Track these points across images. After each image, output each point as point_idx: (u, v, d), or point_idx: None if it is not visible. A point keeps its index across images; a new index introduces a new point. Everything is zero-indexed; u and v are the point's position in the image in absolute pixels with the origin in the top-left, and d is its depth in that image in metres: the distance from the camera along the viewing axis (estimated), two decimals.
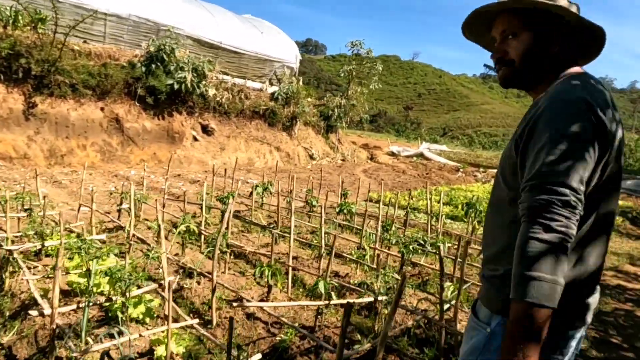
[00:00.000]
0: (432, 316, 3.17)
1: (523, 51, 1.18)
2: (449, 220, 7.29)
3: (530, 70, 1.20)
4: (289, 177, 11.86)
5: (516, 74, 1.22)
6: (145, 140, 11.81)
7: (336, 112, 17.49)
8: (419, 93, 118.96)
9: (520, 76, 1.22)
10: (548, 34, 1.18)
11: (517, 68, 1.21)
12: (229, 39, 16.64)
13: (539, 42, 1.18)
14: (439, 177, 13.58)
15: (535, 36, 1.18)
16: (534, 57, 1.18)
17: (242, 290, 3.51)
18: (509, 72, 1.23)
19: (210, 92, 13.09)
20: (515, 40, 1.19)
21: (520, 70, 1.21)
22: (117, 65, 11.45)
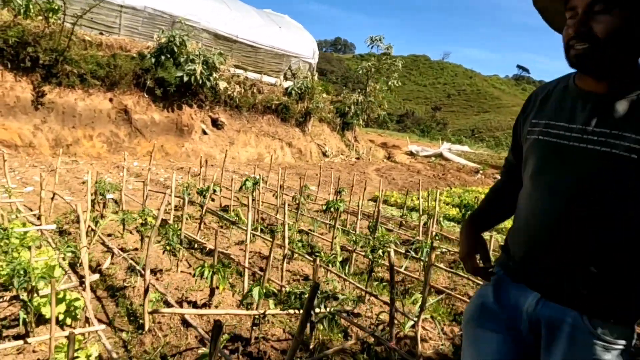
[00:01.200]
0: (396, 333, 2.74)
1: (613, 30, 1.04)
2: (452, 223, 6.75)
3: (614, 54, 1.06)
4: (296, 174, 11.54)
5: (598, 53, 1.06)
6: (153, 132, 11.72)
7: (353, 108, 17.03)
8: (448, 94, 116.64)
9: (602, 57, 1.07)
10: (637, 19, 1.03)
11: (602, 47, 1.05)
12: (245, 32, 16.44)
13: (630, 23, 1.04)
14: (455, 178, 12.94)
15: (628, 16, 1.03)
16: (623, 39, 1.05)
17: (191, 292, 3.17)
18: (590, 49, 1.06)
19: (222, 86, 12.89)
20: (605, 16, 1.04)
21: (604, 49, 1.05)
22: (127, 57, 11.39)
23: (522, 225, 1.28)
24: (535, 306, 1.20)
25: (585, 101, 1.14)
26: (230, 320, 2.72)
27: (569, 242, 1.14)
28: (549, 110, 1.23)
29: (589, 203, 1.11)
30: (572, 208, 1.13)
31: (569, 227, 1.14)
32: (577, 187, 1.13)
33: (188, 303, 2.97)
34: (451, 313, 3.54)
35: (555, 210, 1.16)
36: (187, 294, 3.09)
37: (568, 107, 1.17)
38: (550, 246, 1.18)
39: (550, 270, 1.18)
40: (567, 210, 1.14)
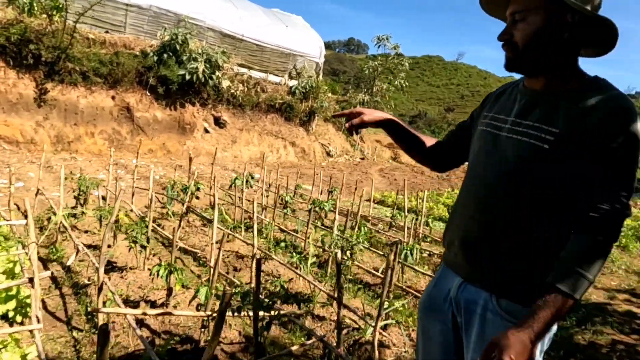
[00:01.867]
0: (359, 338, 2.62)
1: (529, 35, 1.14)
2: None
3: (533, 56, 1.16)
4: (297, 173, 11.45)
5: (519, 58, 1.18)
6: (155, 130, 11.76)
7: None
8: (462, 95, 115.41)
9: (524, 60, 1.19)
10: (559, 21, 1.12)
11: (521, 52, 1.17)
12: (251, 31, 16.42)
13: (548, 27, 1.13)
14: (459, 179, 12.70)
15: (545, 21, 1.13)
16: (540, 43, 1.14)
17: (154, 291, 3.10)
18: (513, 55, 1.19)
19: (224, 84, 12.88)
20: (523, 23, 1.15)
21: (523, 54, 1.17)
22: (130, 54, 11.45)
23: (453, 212, 1.38)
24: (457, 290, 1.28)
25: (523, 97, 1.23)
26: (185, 321, 2.64)
27: (485, 222, 1.21)
28: (498, 105, 1.32)
29: (504, 189, 1.18)
30: (491, 192, 1.21)
31: (487, 208, 1.21)
32: (498, 174, 1.20)
33: (146, 302, 2.90)
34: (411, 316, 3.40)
35: (480, 192, 1.25)
36: (148, 293, 3.02)
37: (511, 102, 1.26)
38: (473, 227, 1.24)
39: (470, 254, 1.24)
40: (487, 192, 1.22)
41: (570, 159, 1.10)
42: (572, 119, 1.10)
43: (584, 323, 3.67)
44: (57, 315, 2.88)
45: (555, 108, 1.14)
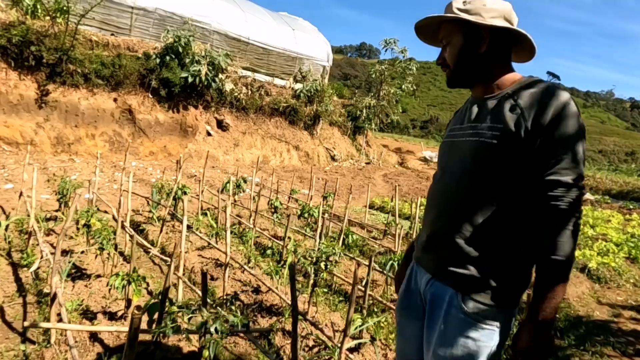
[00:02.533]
0: (328, 358, 2.41)
1: (455, 54, 1.34)
2: None
3: (464, 71, 1.35)
4: (297, 177, 11.27)
5: (454, 76, 1.37)
6: (156, 132, 11.70)
7: (364, 112, 16.66)
8: None
9: (458, 77, 1.37)
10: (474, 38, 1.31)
11: (453, 70, 1.36)
12: (257, 34, 16.36)
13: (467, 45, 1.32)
14: None
15: (463, 41, 1.32)
16: (464, 59, 1.33)
17: (119, 301, 2.93)
18: (449, 74, 1.38)
19: (228, 87, 12.79)
20: (449, 46, 1.35)
21: (455, 71, 1.36)
22: (132, 57, 11.42)
23: (424, 215, 1.47)
24: (425, 286, 1.36)
25: (471, 105, 1.38)
26: (141, 337, 2.46)
27: (448, 224, 1.29)
28: (454, 119, 1.47)
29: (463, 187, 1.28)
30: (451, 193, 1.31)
31: (449, 208, 1.30)
32: (457, 175, 1.30)
33: (106, 314, 2.73)
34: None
35: (443, 194, 1.35)
36: (110, 304, 2.85)
37: (463, 113, 1.41)
38: (437, 228, 1.33)
39: (436, 251, 1.32)
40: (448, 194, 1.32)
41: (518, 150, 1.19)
42: (512, 114, 1.21)
43: (583, 343, 3.40)
44: (14, 325, 2.73)
45: (497, 108, 1.26)
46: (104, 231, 3.02)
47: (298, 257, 3.06)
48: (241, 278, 3.66)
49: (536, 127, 1.16)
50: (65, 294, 2.93)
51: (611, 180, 18.16)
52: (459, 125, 1.39)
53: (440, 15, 1.33)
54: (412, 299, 1.42)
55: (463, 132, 1.34)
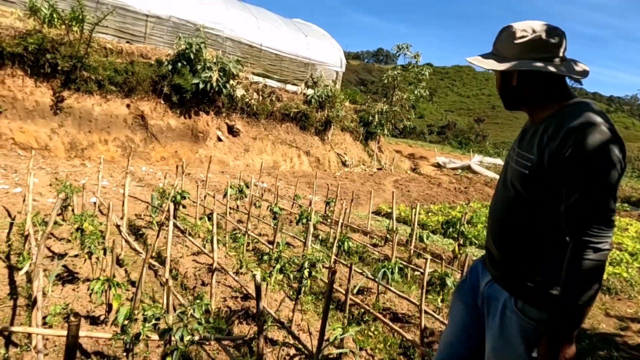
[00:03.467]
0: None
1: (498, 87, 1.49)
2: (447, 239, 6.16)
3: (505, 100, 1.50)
4: (307, 183, 11.24)
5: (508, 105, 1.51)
6: (168, 137, 11.86)
7: (377, 118, 16.57)
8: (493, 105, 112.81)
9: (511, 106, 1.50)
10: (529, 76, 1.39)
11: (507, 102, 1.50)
12: (270, 41, 16.49)
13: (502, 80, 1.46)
14: (478, 192, 12.15)
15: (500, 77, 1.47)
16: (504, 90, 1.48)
17: (103, 305, 2.93)
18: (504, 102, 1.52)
19: (239, 93, 12.89)
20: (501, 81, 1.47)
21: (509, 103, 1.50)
22: (145, 64, 11.62)
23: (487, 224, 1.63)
24: (485, 286, 1.53)
25: (523, 129, 1.51)
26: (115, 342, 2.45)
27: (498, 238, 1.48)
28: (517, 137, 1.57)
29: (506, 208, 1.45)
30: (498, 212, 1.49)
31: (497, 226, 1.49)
32: (502, 195, 1.48)
33: (88, 318, 2.73)
34: (402, 345, 3.08)
35: (493, 212, 1.54)
36: (95, 308, 2.85)
37: (519, 135, 1.52)
38: (492, 240, 1.52)
39: (494, 259, 1.51)
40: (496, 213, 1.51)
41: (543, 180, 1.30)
42: (542, 146, 1.30)
43: (584, 357, 3.25)
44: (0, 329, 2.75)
45: (533, 138, 1.36)
46: (92, 235, 3.04)
47: (283, 264, 3.02)
48: (232, 284, 3.63)
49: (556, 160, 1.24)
50: (53, 297, 2.95)
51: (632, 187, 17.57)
52: (513, 147, 1.51)
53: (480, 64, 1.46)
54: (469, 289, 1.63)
55: (511, 157, 1.47)
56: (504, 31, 1.42)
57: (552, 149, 1.24)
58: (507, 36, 1.40)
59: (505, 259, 1.44)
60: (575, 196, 1.20)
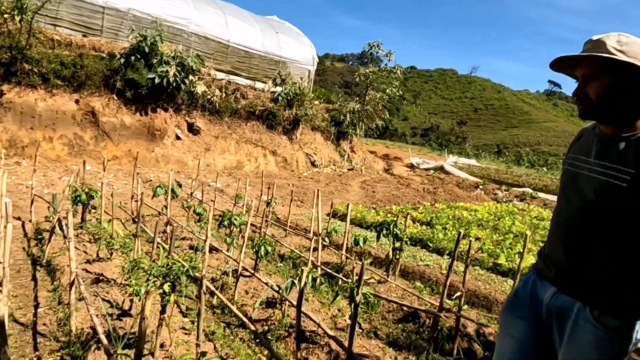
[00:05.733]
0: None
1: (601, 92, 1.36)
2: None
3: (606, 109, 1.38)
4: (266, 184, 10.71)
5: (593, 110, 1.40)
6: (122, 135, 11.21)
7: (348, 117, 16.14)
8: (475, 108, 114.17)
9: (597, 112, 1.40)
10: (628, 81, 1.33)
11: (595, 104, 1.38)
12: (238, 37, 15.95)
13: (618, 86, 1.34)
14: (447, 193, 11.78)
15: (614, 81, 1.34)
16: (611, 99, 1.35)
17: None
18: (587, 106, 1.41)
19: (199, 89, 12.31)
20: (595, 82, 1.37)
21: (597, 106, 1.38)
22: (96, 57, 10.97)
23: (549, 234, 1.61)
24: (551, 298, 1.50)
25: (599, 140, 1.44)
26: None
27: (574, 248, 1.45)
28: (578, 146, 1.55)
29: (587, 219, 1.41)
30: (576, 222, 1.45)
31: (574, 236, 1.45)
32: (581, 205, 1.44)
33: None
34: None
35: (566, 222, 1.50)
36: None
37: (589, 145, 1.48)
38: (563, 250, 1.49)
39: (563, 270, 1.48)
40: (572, 222, 1.47)
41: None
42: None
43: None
44: None
45: (629, 150, 1.33)
46: None
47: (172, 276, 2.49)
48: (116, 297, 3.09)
49: None
50: None
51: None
52: (584, 157, 1.45)
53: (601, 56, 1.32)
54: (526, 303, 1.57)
55: (589, 167, 1.41)
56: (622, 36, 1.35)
57: None
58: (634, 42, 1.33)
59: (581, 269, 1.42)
60: None
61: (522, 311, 1.57)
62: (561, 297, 1.45)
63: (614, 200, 1.31)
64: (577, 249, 1.42)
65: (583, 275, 1.40)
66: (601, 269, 1.36)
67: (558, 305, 1.45)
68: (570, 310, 1.41)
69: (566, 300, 1.43)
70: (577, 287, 1.42)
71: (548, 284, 1.50)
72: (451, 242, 5.96)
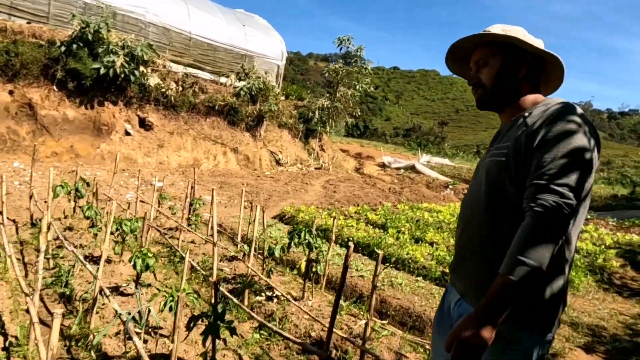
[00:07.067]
0: None
1: (493, 75, 1.38)
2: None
3: (499, 92, 1.38)
4: (219, 183, 9.99)
5: (488, 96, 1.40)
6: (63, 130, 10.33)
7: (317, 114, 15.50)
8: (457, 109, 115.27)
9: (492, 97, 1.40)
10: (514, 61, 1.36)
11: (489, 90, 1.39)
12: (202, 29, 15.17)
13: (507, 67, 1.37)
14: (413, 193, 11.23)
15: (503, 62, 1.37)
16: (502, 80, 1.37)
17: None
18: (482, 93, 1.40)
19: (152, 82, 11.49)
20: (487, 67, 1.39)
21: (491, 92, 1.39)
22: (34, 44, 10.08)
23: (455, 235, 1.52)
24: (454, 307, 1.39)
25: (499, 130, 1.46)
26: None
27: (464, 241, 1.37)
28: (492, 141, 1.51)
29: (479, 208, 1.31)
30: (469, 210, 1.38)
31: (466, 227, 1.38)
32: (474, 193, 1.38)
33: None
34: None
35: (462, 214, 1.43)
36: None
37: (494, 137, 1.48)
38: (460, 250, 1.40)
39: (462, 270, 1.38)
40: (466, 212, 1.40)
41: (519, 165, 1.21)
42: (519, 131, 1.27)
43: None
44: None
45: (511, 129, 1.32)
46: None
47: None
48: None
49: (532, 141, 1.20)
50: None
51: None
52: (488, 150, 1.44)
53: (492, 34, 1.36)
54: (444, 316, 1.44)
55: (484, 158, 1.40)
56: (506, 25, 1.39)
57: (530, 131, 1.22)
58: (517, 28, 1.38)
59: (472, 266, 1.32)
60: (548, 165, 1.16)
61: (442, 328, 1.42)
62: (462, 304, 1.34)
63: (495, 178, 1.27)
64: (467, 243, 1.35)
65: (475, 274, 1.29)
66: (491, 263, 1.20)
67: (458, 314, 1.33)
68: None
69: (466, 308, 1.30)
70: (474, 290, 1.29)
71: (454, 291, 1.40)
72: (400, 249, 5.37)
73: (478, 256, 1.29)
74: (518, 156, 1.22)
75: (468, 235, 1.34)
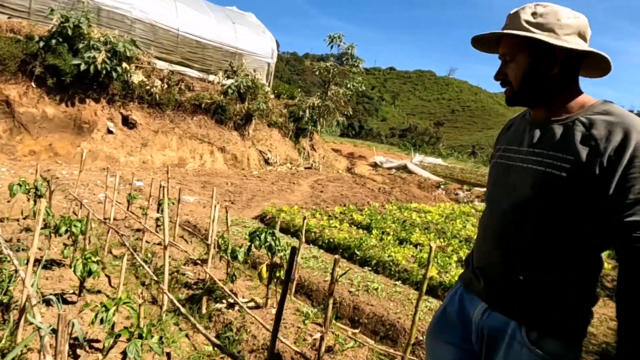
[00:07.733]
0: None
1: (521, 74, 1.22)
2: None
3: (529, 92, 1.23)
4: (201, 182, 9.71)
5: (516, 95, 1.25)
6: (42, 128, 10.02)
7: (308, 113, 15.23)
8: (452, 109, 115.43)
9: (520, 97, 1.25)
10: (545, 58, 1.19)
11: (516, 90, 1.24)
12: (190, 26, 14.88)
13: (536, 65, 1.20)
14: (403, 193, 10.99)
15: (532, 60, 1.20)
16: (532, 79, 1.21)
17: None
18: (510, 92, 1.26)
19: (136, 79, 11.20)
20: (513, 63, 1.23)
21: (519, 91, 1.24)
22: (11, 39, 9.77)
23: (477, 239, 1.39)
24: (481, 316, 1.26)
25: (532, 127, 1.27)
26: None
27: (506, 254, 1.22)
28: (508, 137, 1.37)
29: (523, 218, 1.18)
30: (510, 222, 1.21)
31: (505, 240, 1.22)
32: (512, 202, 1.21)
33: None
34: None
35: (494, 224, 1.27)
36: None
37: (520, 133, 1.31)
38: (493, 258, 1.26)
39: (495, 282, 1.24)
40: (505, 223, 1.22)
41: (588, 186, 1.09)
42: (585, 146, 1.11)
43: None
44: None
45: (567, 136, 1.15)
46: None
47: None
48: None
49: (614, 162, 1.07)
50: None
51: None
52: (515, 147, 1.29)
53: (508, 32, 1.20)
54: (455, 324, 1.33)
55: (522, 157, 1.24)
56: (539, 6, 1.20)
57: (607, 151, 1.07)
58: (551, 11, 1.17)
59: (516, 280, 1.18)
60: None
61: (449, 335, 1.34)
62: (493, 314, 1.23)
63: (550, 193, 1.13)
64: (508, 256, 1.21)
65: (518, 287, 1.18)
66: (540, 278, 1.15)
67: (490, 326, 1.23)
68: (503, 331, 1.19)
69: (499, 319, 1.21)
70: (510, 302, 1.19)
71: (477, 299, 1.29)
72: (382, 251, 5.11)
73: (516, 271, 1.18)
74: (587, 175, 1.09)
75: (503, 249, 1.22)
